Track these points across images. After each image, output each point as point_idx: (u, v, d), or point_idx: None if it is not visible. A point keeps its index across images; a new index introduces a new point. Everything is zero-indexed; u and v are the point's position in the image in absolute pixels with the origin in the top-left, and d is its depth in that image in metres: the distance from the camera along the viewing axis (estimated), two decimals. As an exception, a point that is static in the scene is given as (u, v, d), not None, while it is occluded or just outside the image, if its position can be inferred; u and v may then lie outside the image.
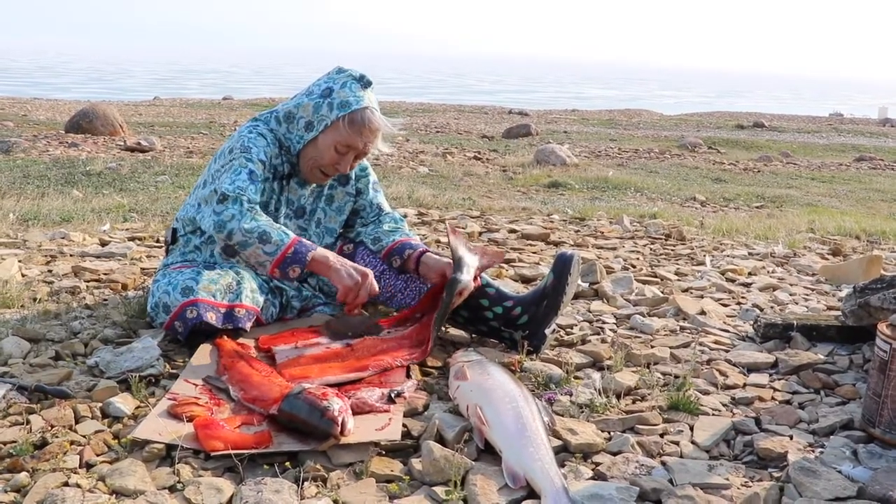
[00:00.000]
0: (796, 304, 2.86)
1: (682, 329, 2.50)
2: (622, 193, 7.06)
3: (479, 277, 2.22)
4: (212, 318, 2.06)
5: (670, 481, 1.52)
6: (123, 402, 1.74)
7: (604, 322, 2.53)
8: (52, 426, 1.64)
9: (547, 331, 2.17)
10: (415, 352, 2.06)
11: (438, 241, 3.61)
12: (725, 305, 2.79)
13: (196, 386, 1.84)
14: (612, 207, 5.39)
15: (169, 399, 1.74)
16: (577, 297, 2.77)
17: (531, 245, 3.70)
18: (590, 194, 6.86)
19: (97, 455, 1.54)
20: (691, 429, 1.77)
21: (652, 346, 2.29)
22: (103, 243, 3.36)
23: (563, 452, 1.63)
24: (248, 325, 2.16)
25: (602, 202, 6.12)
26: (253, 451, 1.54)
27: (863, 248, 4.13)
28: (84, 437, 1.61)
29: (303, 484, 1.45)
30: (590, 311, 2.64)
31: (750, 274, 3.31)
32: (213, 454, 1.52)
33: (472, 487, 1.45)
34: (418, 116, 17.75)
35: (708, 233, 4.33)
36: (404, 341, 2.12)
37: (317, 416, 1.57)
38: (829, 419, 1.84)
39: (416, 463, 1.54)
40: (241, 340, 2.12)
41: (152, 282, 2.27)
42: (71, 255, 3.10)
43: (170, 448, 1.55)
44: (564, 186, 7.22)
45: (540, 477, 1.46)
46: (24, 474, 1.45)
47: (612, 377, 1.99)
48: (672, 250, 3.75)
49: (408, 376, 1.96)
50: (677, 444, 1.69)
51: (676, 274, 3.23)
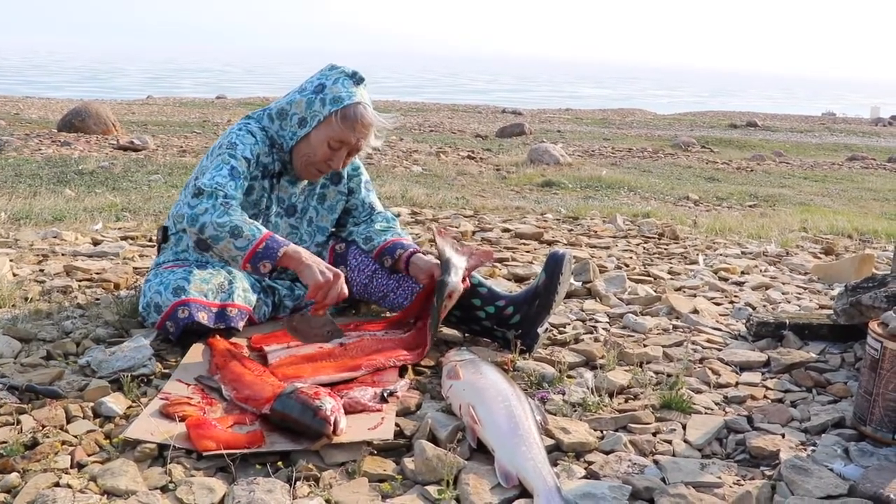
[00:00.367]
0: (789, 302, 2.87)
1: (675, 328, 2.50)
2: (615, 192, 7.07)
3: (469, 278, 2.22)
4: (203, 317, 2.05)
5: (663, 480, 1.53)
6: (115, 402, 1.73)
7: (597, 321, 2.53)
8: (44, 426, 1.63)
9: (539, 330, 2.17)
10: (410, 354, 2.06)
11: (432, 241, 3.60)
12: (718, 304, 2.80)
13: (188, 385, 1.84)
14: (606, 206, 5.40)
15: (161, 399, 1.74)
16: (569, 295, 2.77)
17: (524, 244, 3.70)
18: (583, 193, 6.87)
19: (88, 455, 1.53)
20: (684, 427, 1.77)
21: (645, 345, 2.29)
22: (95, 242, 3.35)
23: (556, 451, 1.63)
24: (241, 325, 2.16)
25: (595, 201, 6.12)
26: (245, 451, 1.53)
27: (855, 247, 4.15)
28: (75, 437, 1.60)
29: (295, 483, 1.45)
30: (583, 310, 2.64)
31: (743, 273, 3.32)
32: (205, 454, 1.52)
33: (465, 486, 1.45)
34: (412, 116, 17.74)
35: (701, 232, 4.34)
36: (399, 343, 2.12)
37: (309, 415, 1.57)
38: (820, 417, 1.84)
39: (408, 462, 1.54)
40: (233, 340, 2.11)
41: (144, 281, 2.26)
42: (63, 255, 3.09)
43: (162, 448, 1.54)
44: (558, 185, 7.22)
45: (532, 476, 1.46)
46: (14, 475, 1.44)
47: (605, 376, 2.00)
48: (665, 249, 3.76)
49: (400, 376, 1.96)
50: (670, 442, 1.70)
51: (669, 273, 3.24)
